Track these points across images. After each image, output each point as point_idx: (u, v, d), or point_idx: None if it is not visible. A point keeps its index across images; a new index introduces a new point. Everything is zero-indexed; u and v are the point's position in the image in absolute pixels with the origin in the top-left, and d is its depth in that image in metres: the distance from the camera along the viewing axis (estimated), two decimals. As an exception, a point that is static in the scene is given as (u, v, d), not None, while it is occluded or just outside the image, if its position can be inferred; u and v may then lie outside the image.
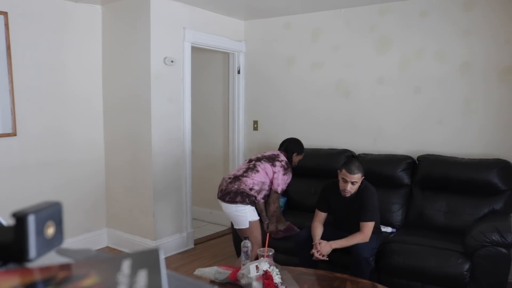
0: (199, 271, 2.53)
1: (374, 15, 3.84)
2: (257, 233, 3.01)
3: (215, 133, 4.98)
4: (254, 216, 3.01)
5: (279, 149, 3.27)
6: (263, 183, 3.03)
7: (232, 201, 2.95)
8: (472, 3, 3.39)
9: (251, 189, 2.99)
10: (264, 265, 2.28)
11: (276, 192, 3.05)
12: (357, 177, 2.81)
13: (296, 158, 3.24)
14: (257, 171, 3.04)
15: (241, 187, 2.97)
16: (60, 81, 3.71)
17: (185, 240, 4.13)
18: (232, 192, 2.98)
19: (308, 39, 4.24)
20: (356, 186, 2.83)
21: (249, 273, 2.27)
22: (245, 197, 2.95)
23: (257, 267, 2.28)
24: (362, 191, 2.88)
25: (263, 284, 2.23)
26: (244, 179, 3.00)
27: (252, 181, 3.00)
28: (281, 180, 3.04)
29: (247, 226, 2.96)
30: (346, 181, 2.81)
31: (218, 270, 2.47)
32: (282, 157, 3.13)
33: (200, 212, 4.96)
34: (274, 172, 3.04)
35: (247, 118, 4.70)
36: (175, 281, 0.40)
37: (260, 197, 3.04)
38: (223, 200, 3.02)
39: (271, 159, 3.10)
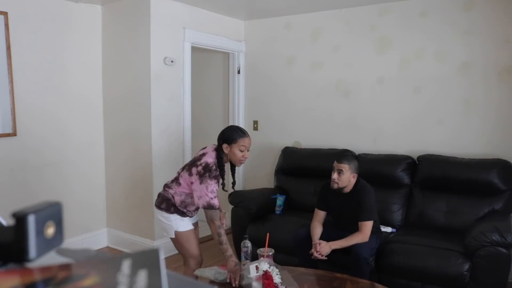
0: (199, 271, 2.53)
1: (374, 15, 3.84)
2: (189, 246, 2.58)
3: (215, 133, 4.91)
4: (182, 226, 2.57)
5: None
6: (187, 195, 2.55)
7: (158, 206, 2.59)
8: (472, 3, 3.39)
9: (179, 202, 2.57)
10: (264, 265, 2.28)
11: (203, 207, 2.44)
12: (343, 167, 2.84)
13: (230, 151, 2.50)
14: (179, 183, 2.56)
15: (167, 195, 2.60)
16: (60, 81, 3.71)
17: (185, 240, 4.13)
18: (160, 196, 2.62)
19: (308, 39, 4.24)
20: (343, 177, 2.84)
21: (249, 273, 2.27)
22: (170, 206, 2.56)
23: (257, 267, 2.28)
24: (359, 190, 2.88)
25: (263, 284, 2.23)
26: (169, 190, 2.59)
27: (174, 191, 2.57)
28: (200, 192, 2.41)
29: (173, 236, 2.57)
30: (333, 170, 2.88)
31: (218, 270, 2.47)
32: (205, 158, 2.47)
33: (200, 212, 4.94)
34: (191, 183, 2.46)
35: (247, 118, 4.70)
36: (175, 281, 0.40)
37: (192, 210, 2.62)
38: (155, 202, 2.67)
39: (191, 165, 2.51)
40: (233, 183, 2.69)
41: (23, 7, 3.41)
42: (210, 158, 2.47)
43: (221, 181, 2.58)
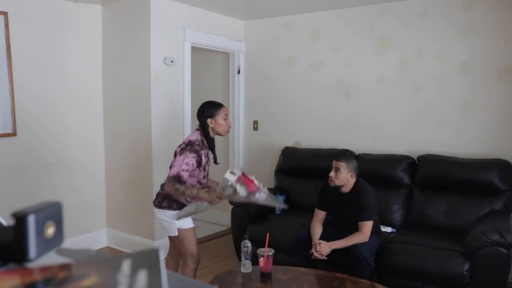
0: (179, 212, 2.53)
1: (374, 15, 3.84)
2: (189, 244, 2.61)
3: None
4: (185, 224, 2.60)
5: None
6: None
7: (159, 205, 2.61)
8: (472, 3, 3.39)
9: None
10: (238, 171, 2.35)
11: (169, 175, 2.48)
12: (341, 165, 2.85)
13: (213, 123, 2.59)
14: None
15: (166, 192, 2.59)
16: (60, 81, 3.71)
17: (185, 240, 4.13)
18: (159, 195, 2.64)
19: (308, 39, 4.24)
20: (340, 176, 2.85)
21: (228, 181, 2.32)
22: (172, 202, 2.58)
23: (232, 173, 2.33)
24: (359, 190, 2.89)
25: (245, 183, 2.26)
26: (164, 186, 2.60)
27: None
28: (176, 162, 2.49)
29: (176, 234, 2.60)
30: (332, 168, 2.90)
31: (197, 203, 2.48)
32: (188, 138, 2.60)
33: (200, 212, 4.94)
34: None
35: (247, 118, 4.70)
36: (175, 281, 0.40)
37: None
38: (153, 203, 2.68)
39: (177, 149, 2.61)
40: (215, 157, 2.73)
41: (23, 7, 3.41)
42: (192, 137, 2.59)
43: (205, 160, 2.62)
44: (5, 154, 3.37)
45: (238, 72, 4.65)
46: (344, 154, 3.24)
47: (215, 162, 2.73)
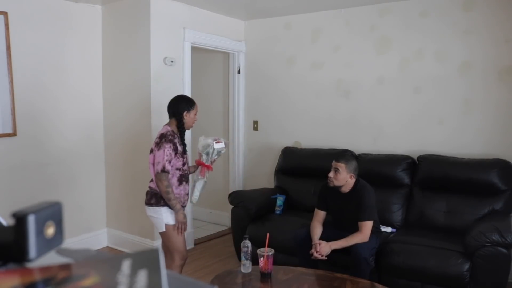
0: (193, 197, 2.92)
1: (374, 15, 3.84)
2: (176, 239, 2.69)
3: (215, 133, 4.95)
4: (172, 219, 2.67)
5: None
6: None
7: (148, 203, 2.72)
8: (472, 3, 3.39)
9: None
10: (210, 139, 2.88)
11: (157, 172, 2.60)
12: (340, 165, 2.86)
13: (189, 116, 2.73)
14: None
15: (152, 190, 2.73)
16: (60, 81, 3.71)
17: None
18: (148, 193, 2.75)
19: (308, 39, 4.24)
20: (339, 176, 2.86)
21: (210, 145, 2.86)
22: (159, 199, 2.67)
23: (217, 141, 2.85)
24: (359, 190, 2.89)
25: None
26: (151, 184, 2.74)
27: (155, 184, 2.68)
28: (158, 157, 2.59)
29: (163, 229, 2.68)
30: (331, 168, 2.91)
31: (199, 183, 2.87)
32: (159, 132, 2.70)
33: (200, 212, 4.95)
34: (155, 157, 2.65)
35: (247, 118, 4.70)
36: (175, 281, 0.40)
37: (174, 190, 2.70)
38: (144, 202, 2.78)
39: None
40: (185, 145, 2.82)
41: (23, 7, 3.41)
42: (163, 130, 2.70)
43: (180, 148, 2.73)
44: (5, 154, 3.37)
45: (238, 72, 4.65)
46: (343, 155, 3.24)
47: (185, 148, 2.82)
